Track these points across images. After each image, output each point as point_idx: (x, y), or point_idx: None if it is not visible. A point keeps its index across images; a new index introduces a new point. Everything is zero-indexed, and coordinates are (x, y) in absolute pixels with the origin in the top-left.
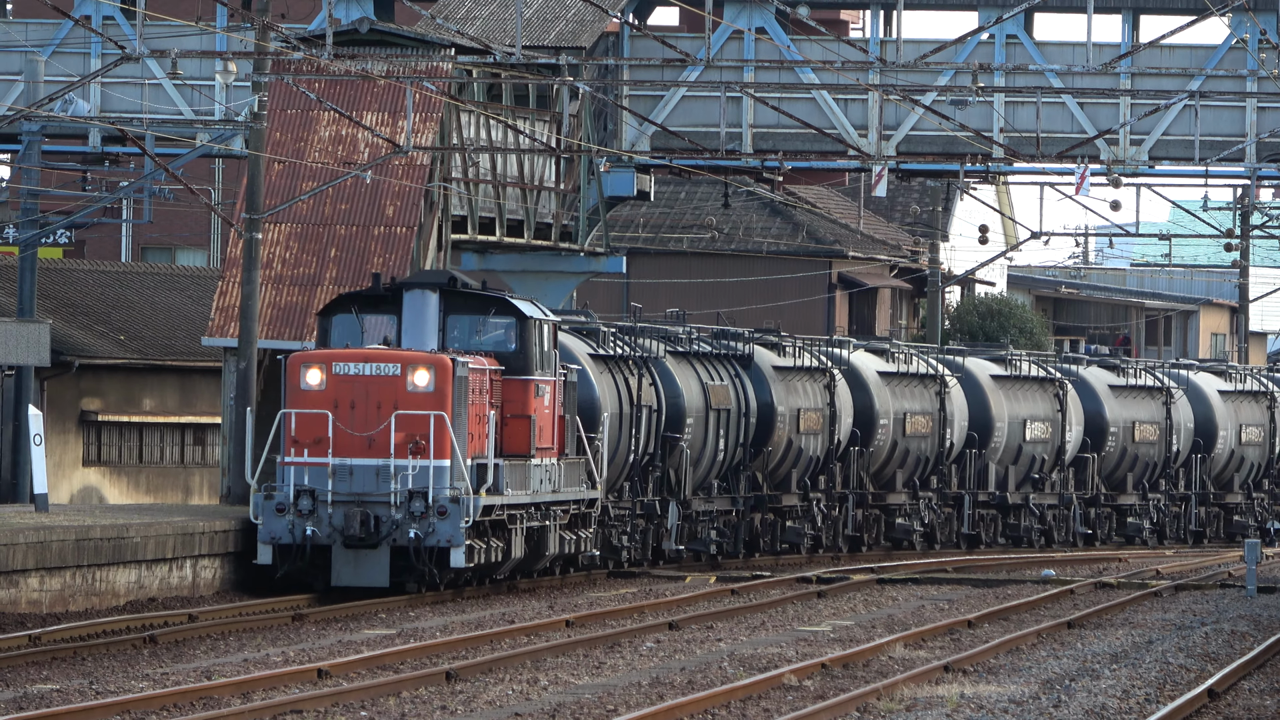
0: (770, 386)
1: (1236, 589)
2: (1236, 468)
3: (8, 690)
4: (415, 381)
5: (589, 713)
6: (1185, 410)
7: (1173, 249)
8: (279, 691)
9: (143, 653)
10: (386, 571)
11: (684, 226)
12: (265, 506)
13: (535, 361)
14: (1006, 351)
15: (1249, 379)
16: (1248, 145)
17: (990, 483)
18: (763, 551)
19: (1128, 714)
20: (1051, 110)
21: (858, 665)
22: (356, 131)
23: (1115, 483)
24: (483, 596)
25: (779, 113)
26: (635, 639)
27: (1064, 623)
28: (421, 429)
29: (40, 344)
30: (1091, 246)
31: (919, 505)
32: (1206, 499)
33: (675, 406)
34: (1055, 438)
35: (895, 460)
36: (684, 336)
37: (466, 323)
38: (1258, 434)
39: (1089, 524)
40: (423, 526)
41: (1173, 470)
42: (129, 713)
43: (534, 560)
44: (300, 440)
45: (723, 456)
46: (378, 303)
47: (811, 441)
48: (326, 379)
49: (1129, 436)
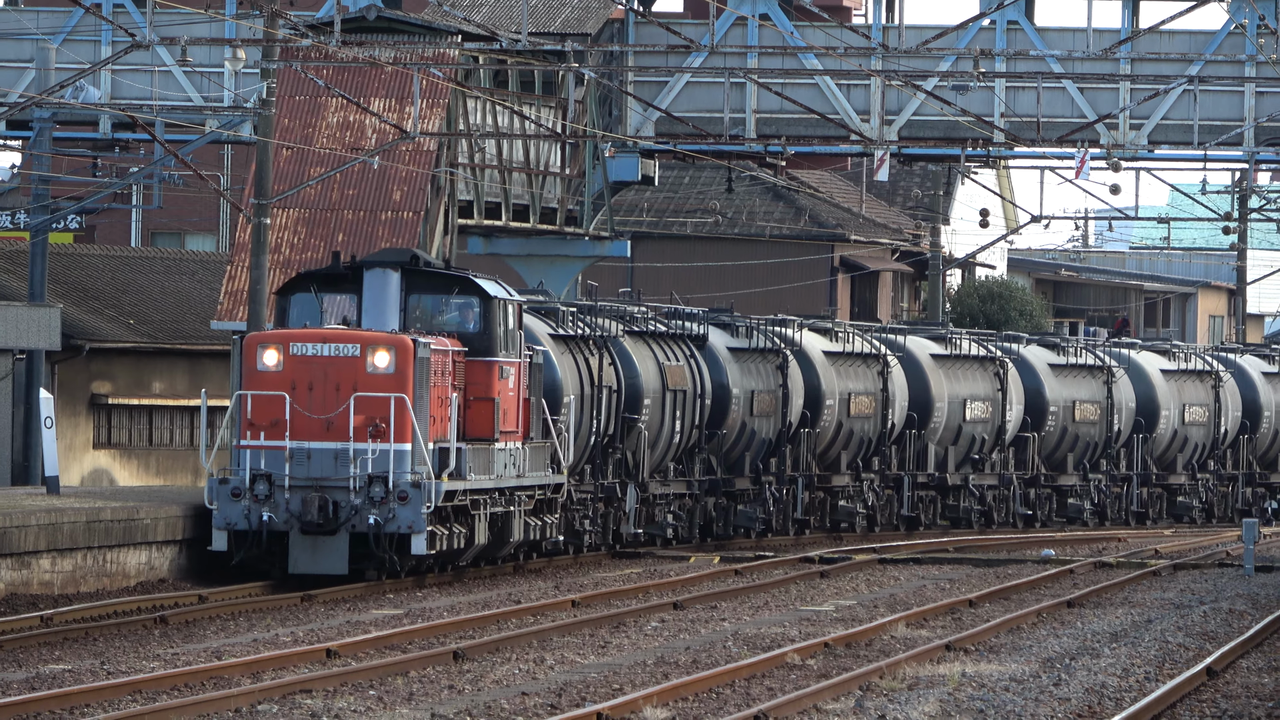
0: (725, 368)
1: (1234, 568)
2: (1180, 448)
3: (20, 670)
4: (375, 363)
5: (595, 692)
6: (1127, 389)
7: (1171, 232)
8: (288, 671)
9: (154, 633)
10: (345, 558)
11: (688, 211)
12: (220, 491)
13: (499, 342)
14: (946, 330)
15: (1194, 358)
16: (1246, 129)
17: (930, 463)
18: (715, 536)
19: (1127, 692)
20: (1052, 95)
21: (860, 644)
22: (364, 117)
23: (1055, 463)
24: (488, 577)
25: (782, 98)
26: (640, 619)
27: (1064, 602)
28: (381, 412)
29: (51, 328)
30: (1091, 230)
31: (862, 487)
32: (1148, 480)
33: (633, 387)
34: (995, 417)
35: (840, 442)
36: (639, 316)
37: (429, 302)
38: (1202, 414)
39: (1029, 505)
40: (383, 512)
41: (1114, 450)
42: (140, 693)
43: (498, 546)
44: (256, 423)
45: (679, 439)
46: (338, 281)
47: (765, 424)
48: (284, 360)
49: (1069, 416)
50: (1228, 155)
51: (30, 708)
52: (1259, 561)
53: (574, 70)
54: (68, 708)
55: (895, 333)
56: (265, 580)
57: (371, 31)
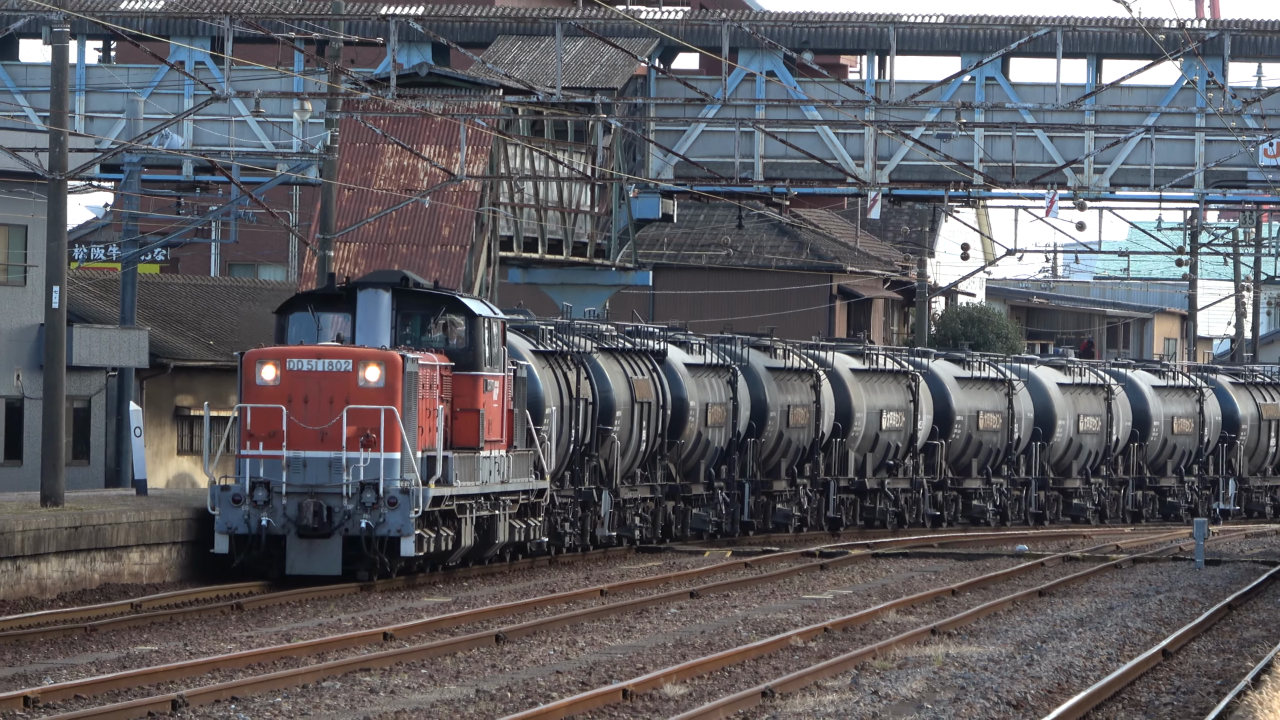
0: (682, 382)
1: (1186, 562)
2: (1075, 455)
3: (113, 650)
4: (366, 377)
5: (621, 670)
6: (1026, 401)
7: (1131, 264)
8: (350, 652)
9: (230, 618)
10: (339, 560)
11: (703, 245)
12: (222, 498)
13: (484, 358)
14: (864, 346)
15: (1088, 373)
16: (1196, 174)
17: (850, 469)
18: (674, 537)
19: (1092, 671)
20: (1025, 143)
21: (856, 629)
22: (416, 162)
23: (961, 468)
24: (526, 569)
25: (786, 145)
26: (661, 606)
27: (1036, 591)
28: (372, 423)
29: (140, 348)
30: (1060, 262)
31: (798, 491)
32: (1046, 483)
33: (606, 399)
34: (908, 426)
35: (780, 450)
36: (608, 334)
37: (418, 320)
38: (1095, 423)
39: (937, 506)
40: (374, 517)
41: (1014, 457)
42: (219, 670)
43: (484, 548)
44: (256, 434)
45: (645, 447)
46: (333, 301)
47: (717, 433)
48: (281, 375)
49: (974, 425)
50: (1180, 196)
51: (122, 683)
52: (1208, 556)
53: (602, 120)
54: (155, 683)
55: (824, 349)
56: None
57: (423, 86)
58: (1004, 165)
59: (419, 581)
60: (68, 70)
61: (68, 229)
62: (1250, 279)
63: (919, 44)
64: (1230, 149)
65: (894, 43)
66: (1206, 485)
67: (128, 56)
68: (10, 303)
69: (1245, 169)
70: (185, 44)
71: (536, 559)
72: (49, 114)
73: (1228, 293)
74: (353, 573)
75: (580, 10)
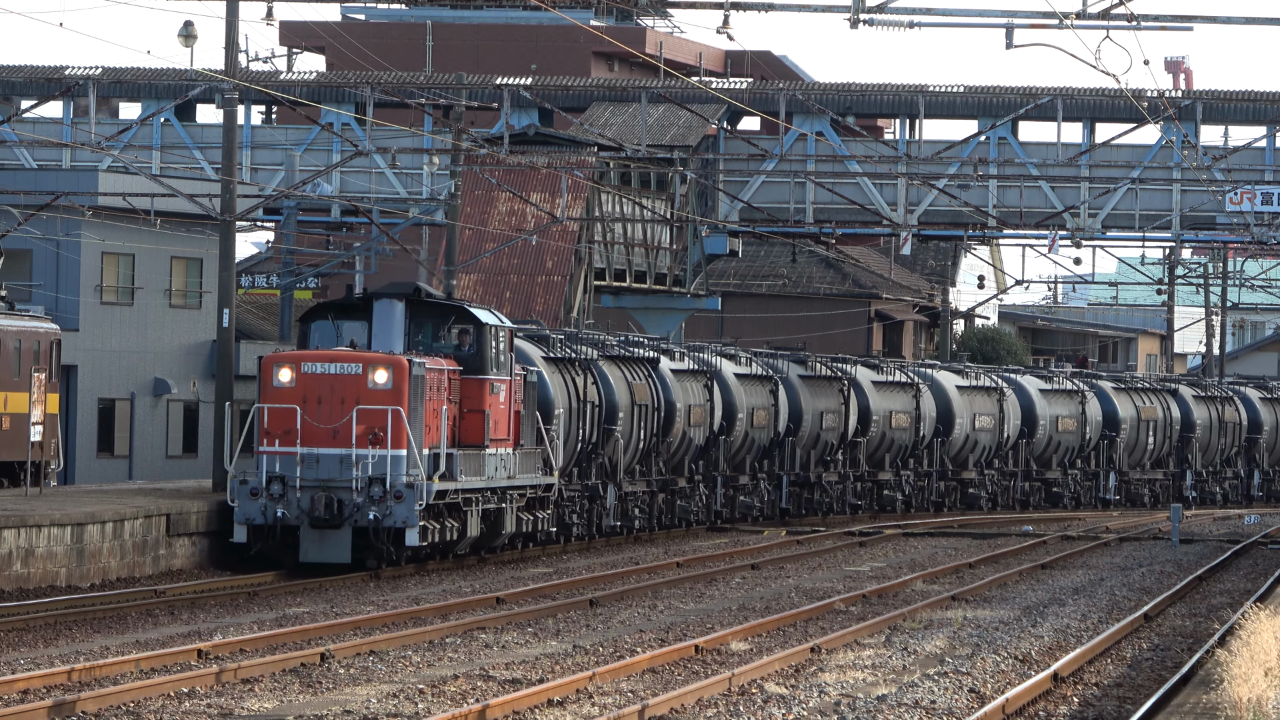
0: (671, 386)
1: (1165, 541)
2: (971, 449)
3: (271, 611)
4: (375, 379)
5: (693, 629)
6: (929, 402)
7: (1119, 292)
8: (469, 614)
9: (369, 585)
10: (349, 549)
11: (763, 276)
12: (240, 491)
13: (490, 362)
14: (809, 356)
15: (983, 376)
16: (1174, 218)
17: (797, 464)
18: (663, 526)
19: (1086, 631)
20: (1031, 191)
21: (889, 595)
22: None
23: (876, 461)
24: (617, 545)
25: (832, 193)
26: (727, 576)
27: (1039, 565)
28: (380, 422)
29: None
30: (1060, 290)
31: (758, 484)
32: (946, 475)
33: (610, 402)
34: (840, 425)
35: (745, 448)
36: (609, 343)
37: (430, 328)
38: (989, 422)
39: (858, 496)
40: (381, 509)
41: (920, 451)
42: (359, 629)
43: (492, 538)
44: (272, 431)
45: (642, 445)
46: (351, 311)
47: (698, 432)
48: (296, 377)
49: (888, 424)
50: (1160, 236)
51: (279, 639)
52: (1183, 535)
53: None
54: (306, 639)
55: (777, 358)
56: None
57: (531, 144)
58: (1014, 210)
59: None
60: (236, 130)
61: (235, 261)
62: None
63: (943, 109)
64: (1202, 197)
65: (922, 108)
66: (1089, 478)
67: (286, 119)
68: (188, 322)
69: (1214, 214)
70: (334, 108)
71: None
72: (220, 166)
73: (1200, 317)
74: (361, 561)
75: (661, 81)
